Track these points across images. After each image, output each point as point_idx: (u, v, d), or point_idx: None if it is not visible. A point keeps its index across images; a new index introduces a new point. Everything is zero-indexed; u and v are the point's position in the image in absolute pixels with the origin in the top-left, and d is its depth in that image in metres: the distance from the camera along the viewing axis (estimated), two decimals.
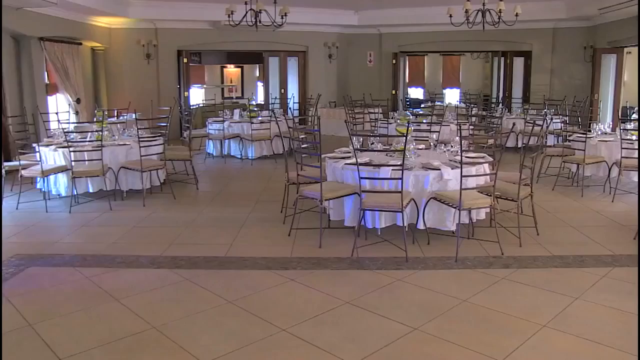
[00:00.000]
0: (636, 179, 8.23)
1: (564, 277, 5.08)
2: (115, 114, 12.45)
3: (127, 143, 8.15)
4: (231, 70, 20.85)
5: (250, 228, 6.68)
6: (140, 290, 4.79)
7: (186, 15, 13.96)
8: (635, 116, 9.00)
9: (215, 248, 5.91)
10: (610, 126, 9.91)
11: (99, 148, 7.50)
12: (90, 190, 7.89)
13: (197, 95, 17.92)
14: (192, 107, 14.09)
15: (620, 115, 12.53)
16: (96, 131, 8.12)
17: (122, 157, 7.99)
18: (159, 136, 8.49)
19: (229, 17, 10.25)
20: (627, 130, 8.42)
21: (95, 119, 9.14)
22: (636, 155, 7.87)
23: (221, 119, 11.79)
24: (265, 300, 4.62)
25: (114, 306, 4.48)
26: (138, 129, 8.09)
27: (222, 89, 20.61)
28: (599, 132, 9.02)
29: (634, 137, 8.17)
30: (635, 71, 14.79)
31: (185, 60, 15.03)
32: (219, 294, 4.68)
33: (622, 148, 7.81)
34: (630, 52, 14.08)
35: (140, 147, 7.70)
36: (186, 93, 15.23)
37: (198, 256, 5.66)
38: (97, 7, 11.49)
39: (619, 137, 8.14)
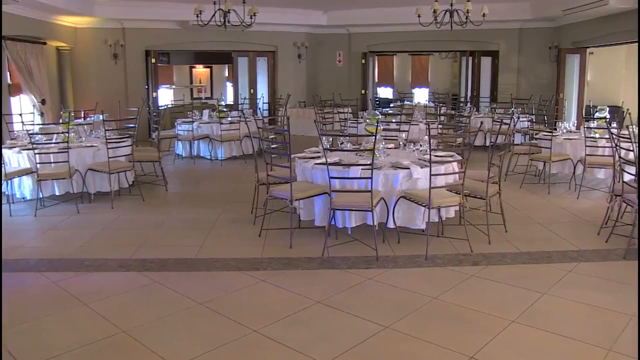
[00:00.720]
0: (600, 176, 8.41)
1: (531, 273, 5.16)
2: (82, 115, 12.24)
3: (95, 144, 8.02)
4: (200, 70, 20.68)
5: (221, 229, 6.64)
6: (109, 294, 4.72)
7: (154, 15, 13.80)
8: (598, 115, 9.18)
9: (185, 250, 5.86)
10: (575, 124, 10.08)
11: (65, 150, 7.37)
12: (57, 193, 7.75)
13: (165, 96, 17.72)
14: (160, 108, 13.91)
15: (584, 114, 12.80)
16: (62, 132, 7.97)
17: (90, 158, 7.86)
18: (127, 137, 8.38)
19: (197, 17, 10.17)
20: (591, 128, 8.59)
21: (61, 120, 8.97)
22: (599, 152, 8.05)
23: (190, 119, 11.69)
24: (236, 301, 4.60)
25: (83, 311, 4.41)
26: (105, 130, 7.97)
27: (191, 89, 20.43)
28: (564, 131, 9.19)
29: (597, 135, 8.36)
30: (597, 71, 15.12)
31: (153, 60, 14.85)
32: (189, 296, 4.64)
33: (586, 146, 7.97)
34: (592, 53, 14.38)
35: (108, 148, 7.59)
36: (154, 94, 15.06)
37: (168, 258, 5.60)
38: (62, 5, 11.28)
39: (583, 135, 8.30)
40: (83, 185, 7.78)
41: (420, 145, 6.81)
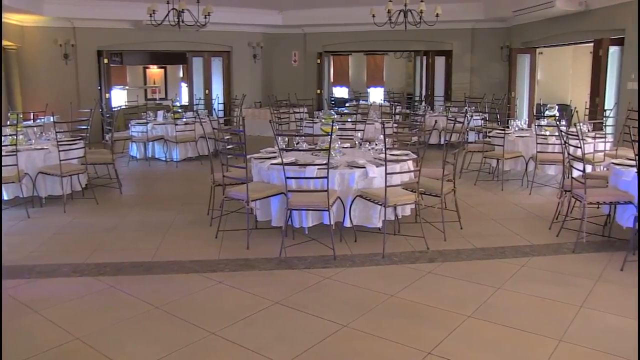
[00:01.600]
0: (551, 172, 8.64)
1: (486, 269, 5.27)
2: (32, 117, 11.90)
3: (45, 147, 7.82)
4: (154, 71, 20.38)
5: (177, 231, 6.56)
6: (61, 301, 4.60)
7: (106, 15, 13.54)
8: (548, 113, 9.42)
9: (140, 253, 5.76)
10: (527, 122, 10.34)
11: (14, 153, 7.16)
12: (5, 198, 7.50)
13: (119, 97, 17.40)
14: (114, 109, 13.65)
15: (535, 112, 13.12)
16: (10, 135, 7.74)
17: (40, 161, 7.65)
18: (79, 139, 8.19)
19: (150, 16, 10.04)
20: (541, 126, 8.81)
21: (8, 122, 8.70)
22: (550, 149, 8.26)
23: (144, 120, 11.51)
24: (193, 303, 4.55)
25: (34, 319, 4.28)
26: (57, 132, 7.78)
27: (145, 90, 20.11)
28: (516, 129, 9.41)
29: (548, 133, 8.57)
30: (547, 71, 15.53)
31: (105, 60, 14.57)
32: (145, 300, 4.57)
33: (537, 143, 8.17)
34: (542, 53, 14.77)
35: (59, 151, 7.40)
36: (107, 95, 14.77)
37: (123, 262, 5.50)
38: (8, 2, 10.89)
39: (534, 133, 8.51)
40: (33, 189, 7.57)
41: (376, 145, 6.87)
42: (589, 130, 8.53)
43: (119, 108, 14.49)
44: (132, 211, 7.60)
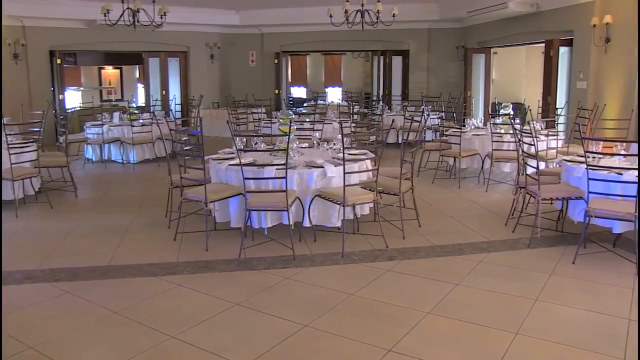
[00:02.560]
0: (506, 169, 8.82)
1: (445, 266, 5.35)
2: None
3: None
4: (110, 71, 19.98)
5: (134, 234, 6.46)
6: (14, 309, 4.47)
7: (58, 14, 13.20)
8: (503, 111, 9.60)
9: (97, 257, 5.65)
10: (482, 121, 10.53)
11: None
12: None
13: (73, 98, 17.02)
14: (68, 111, 13.32)
15: (490, 110, 13.37)
16: None
17: None
18: (31, 142, 7.98)
19: (105, 16, 9.83)
20: (497, 124, 8.99)
21: None
22: (505, 147, 8.43)
23: (100, 122, 11.30)
24: (152, 307, 4.48)
25: None
26: (7, 134, 7.56)
27: (101, 91, 19.70)
28: (473, 127, 9.58)
29: (503, 131, 8.75)
30: (501, 70, 15.85)
31: (58, 61, 14.20)
32: (103, 305, 4.48)
33: (492, 141, 8.33)
34: (496, 53, 15.07)
35: (10, 154, 7.20)
36: (61, 96, 14.42)
37: (79, 267, 5.38)
38: None
39: (489, 131, 8.68)
40: None
41: (334, 144, 6.90)
42: (542, 128, 8.74)
43: (73, 109, 14.14)
44: (88, 215, 7.45)
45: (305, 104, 18.14)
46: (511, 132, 7.85)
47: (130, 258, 5.62)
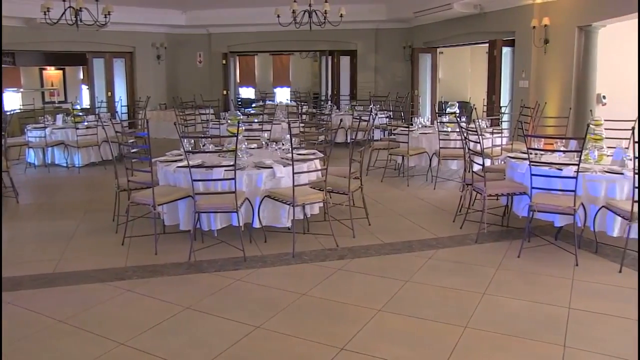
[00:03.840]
0: (453, 167, 8.98)
1: (395, 263, 5.41)
2: None
3: None
4: (52, 72, 19.43)
5: (80, 240, 6.29)
6: None
7: None
8: (449, 110, 9.79)
9: (41, 265, 5.47)
10: (429, 120, 10.72)
11: None
12: None
13: (12, 100, 16.48)
14: (7, 113, 12.88)
15: (437, 109, 13.62)
16: None
17: None
18: None
19: (45, 14, 9.54)
20: (443, 123, 9.16)
21: None
22: (452, 145, 8.59)
23: (42, 125, 10.95)
24: (100, 314, 4.38)
25: None
26: None
27: (42, 92, 19.13)
28: (420, 126, 9.73)
29: (449, 129, 8.92)
30: (448, 69, 16.16)
31: None
32: (47, 314, 4.35)
33: (439, 139, 8.49)
34: (442, 52, 15.36)
35: None
36: None
37: (22, 275, 5.20)
38: None
39: (436, 129, 8.83)
40: None
41: (283, 144, 6.90)
42: (487, 126, 8.95)
43: (12, 112, 13.68)
44: (30, 221, 7.22)
45: (253, 105, 18.08)
46: (457, 130, 8.02)
47: (76, 265, 5.48)
